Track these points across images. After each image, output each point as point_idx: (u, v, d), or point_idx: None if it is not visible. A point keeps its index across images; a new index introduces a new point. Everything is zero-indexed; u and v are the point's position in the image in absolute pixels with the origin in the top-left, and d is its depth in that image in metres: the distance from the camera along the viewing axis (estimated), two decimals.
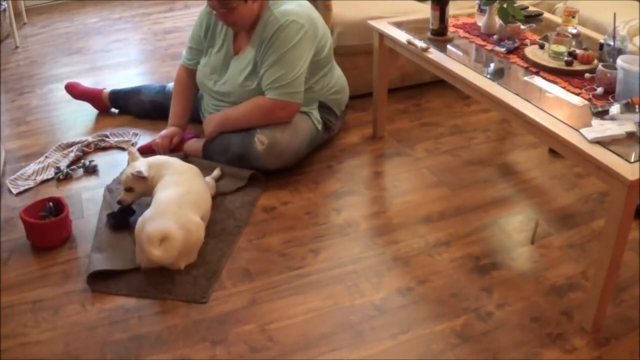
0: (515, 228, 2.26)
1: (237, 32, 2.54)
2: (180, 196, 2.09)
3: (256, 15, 2.44)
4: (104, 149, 2.81)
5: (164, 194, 2.10)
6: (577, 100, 1.93)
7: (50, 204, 2.24)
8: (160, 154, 2.52)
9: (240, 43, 2.54)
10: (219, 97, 2.59)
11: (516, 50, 2.30)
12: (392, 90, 3.03)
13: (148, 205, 2.10)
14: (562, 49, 2.16)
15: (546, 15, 2.71)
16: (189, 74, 2.72)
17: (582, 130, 1.72)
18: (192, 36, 2.69)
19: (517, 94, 1.97)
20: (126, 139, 2.87)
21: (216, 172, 2.46)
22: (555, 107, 1.89)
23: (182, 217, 2.02)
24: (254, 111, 2.46)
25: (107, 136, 2.87)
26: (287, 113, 2.45)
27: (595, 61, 2.10)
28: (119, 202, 2.21)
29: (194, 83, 2.72)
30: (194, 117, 2.79)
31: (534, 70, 2.14)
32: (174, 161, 2.28)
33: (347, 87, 2.79)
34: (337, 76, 2.73)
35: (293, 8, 2.44)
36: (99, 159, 2.71)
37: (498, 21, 2.38)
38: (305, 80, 2.48)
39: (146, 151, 2.63)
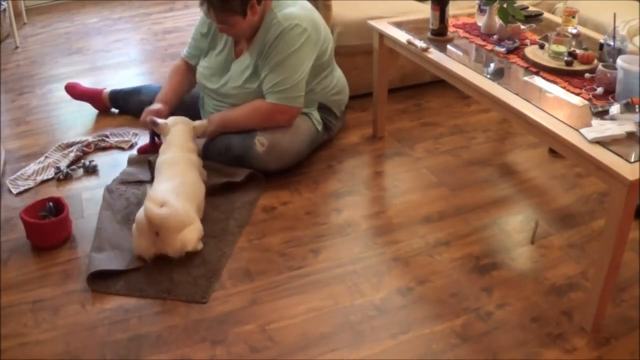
0: (515, 228, 2.26)
1: (238, 39, 2.54)
2: (175, 187, 2.12)
3: (258, 22, 2.43)
4: (104, 149, 2.81)
5: (160, 187, 2.13)
6: (577, 100, 1.93)
7: (50, 204, 2.24)
8: (146, 128, 2.53)
9: (242, 45, 2.54)
10: (220, 98, 2.59)
11: (516, 50, 2.30)
12: (392, 90, 3.03)
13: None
14: (562, 49, 2.16)
15: (546, 15, 2.71)
16: (188, 67, 2.71)
17: (582, 130, 1.72)
18: (195, 33, 2.68)
19: (517, 94, 1.97)
20: (126, 139, 2.87)
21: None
22: (555, 107, 1.89)
23: (180, 201, 2.06)
24: (254, 114, 2.46)
25: (107, 136, 2.87)
26: (287, 117, 2.45)
27: (595, 61, 2.10)
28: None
29: (190, 76, 2.70)
30: (196, 118, 2.79)
31: (534, 70, 2.14)
32: (171, 149, 2.30)
33: (347, 88, 2.79)
34: (338, 77, 2.73)
35: (296, 11, 2.43)
36: (99, 159, 2.71)
37: (498, 21, 2.38)
38: (307, 82, 2.48)
39: (145, 151, 2.63)
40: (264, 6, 2.43)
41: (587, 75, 2.07)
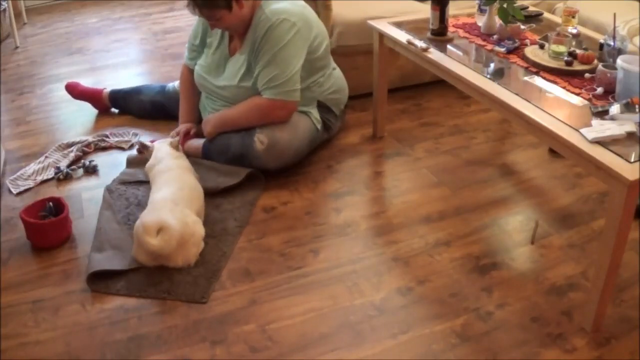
0: (515, 228, 2.26)
1: (232, 33, 2.55)
2: (174, 193, 2.11)
3: (248, 17, 2.44)
4: (104, 149, 2.81)
5: (158, 195, 2.12)
6: (577, 100, 1.93)
7: (50, 204, 2.24)
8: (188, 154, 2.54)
9: (236, 44, 2.54)
10: (217, 97, 2.59)
11: (516, 50, 2.30)
12: (392, 90, 3.03)
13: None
14: (562, 49, 2.16)
15: (546, 15, 2.71)
16: (192, 72, 2.73)
17: (582, 130, 1.73)
18: (192, 35, 2.70)
19: (517, 94, 1.97)
20: (126, 139, 2.87)
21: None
22: (555, 107, 1.89)
23: (178, 211, 2.04)
24: (252, 111, 2.46)
25: (107, 136, 2.87)
26: (285, 112, 2.46)
27: (595, 61, 2.11)
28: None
29: None
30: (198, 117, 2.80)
31: (534, 70, 2.14)
32: (164, 157, 2.29)
33: (346, 87, 2.79)
34: (336, 77, 2.72)
35: (285, 6, 2.43)
36: (99, 159, 2.71)
37: (498, 21, 2.38)
38: (303, 79, 2.48)
39: None
40: (254, 3, 2.43)
41: (587, 75, 2.07)
